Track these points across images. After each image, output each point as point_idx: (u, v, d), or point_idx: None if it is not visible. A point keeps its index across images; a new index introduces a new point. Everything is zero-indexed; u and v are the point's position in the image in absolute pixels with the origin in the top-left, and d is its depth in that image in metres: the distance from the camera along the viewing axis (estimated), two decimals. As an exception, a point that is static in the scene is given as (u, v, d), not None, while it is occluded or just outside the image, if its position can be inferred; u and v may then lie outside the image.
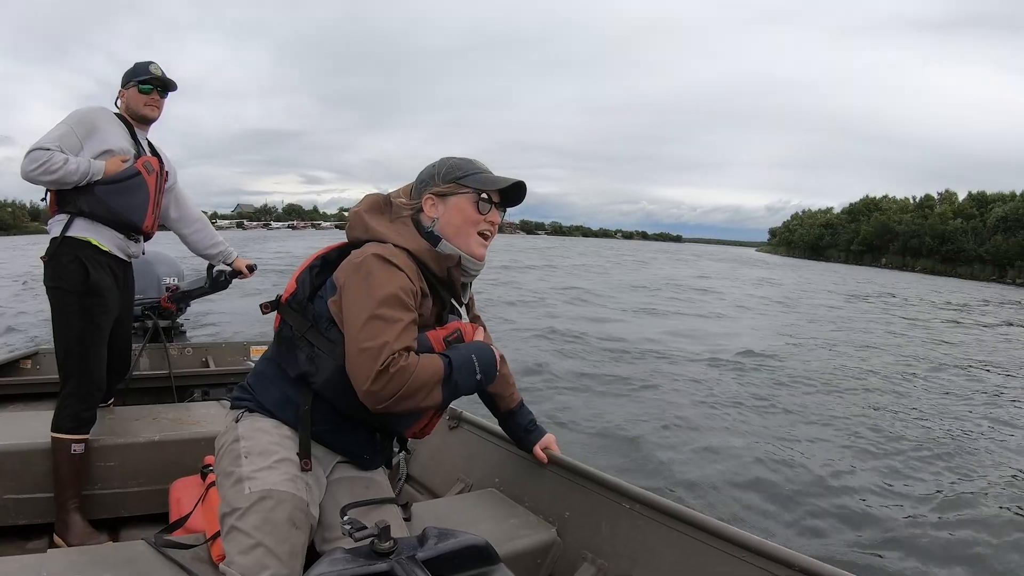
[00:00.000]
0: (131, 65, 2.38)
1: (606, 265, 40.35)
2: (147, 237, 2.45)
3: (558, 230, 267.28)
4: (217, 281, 2.96)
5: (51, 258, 2.19)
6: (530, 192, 1.52)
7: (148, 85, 2.34)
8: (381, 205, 1.51)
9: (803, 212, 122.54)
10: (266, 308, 1.51)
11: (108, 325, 2.30)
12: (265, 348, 3.35)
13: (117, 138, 2.26)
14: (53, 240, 2.19)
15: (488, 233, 1.50)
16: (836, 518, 4.31)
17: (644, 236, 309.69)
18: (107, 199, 2.22)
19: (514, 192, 1.51)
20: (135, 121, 2.37)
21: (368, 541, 1.02)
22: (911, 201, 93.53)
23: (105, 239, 2.25)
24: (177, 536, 1.56)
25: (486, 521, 1.82)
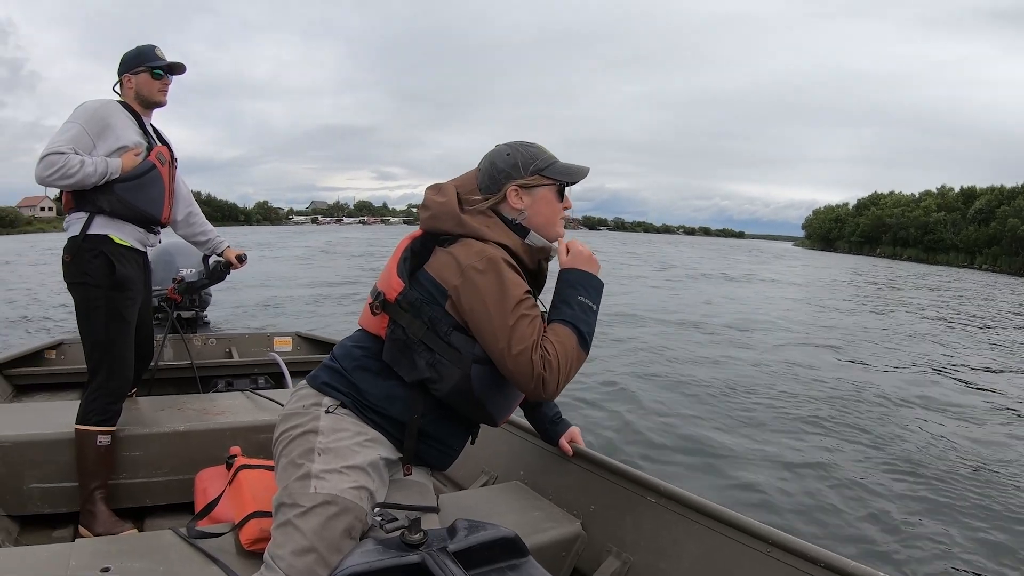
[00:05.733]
0: (134, 50, 2.30)
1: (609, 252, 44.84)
2: (163, 227, 2.43)
3: (620, 226, 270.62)
4: (214, 272, 2.93)
5: (74, 256, 2.14)
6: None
7: (160, 70, 2.28)
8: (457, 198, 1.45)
9: (824, 208, 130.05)
10: (376, 309, 1.42)
11: (134, 318, 2.26)
12: (288, 339, 4.01)
13: (129, 132, 2.21)
14: (73, 239, 2.15)
15: (565, 219, 1.53)
16: (873, 521, 3.92)
17: (706, 232, 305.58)
18: (126, 196, 2.18)
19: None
20: (143, 108, 2.31)
21: (398, 533, 1.05)
22: (913, 196, 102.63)
23: (126, 235, 2.21)
24: (204, 526, 1.58)
25: (511, 513, 1.78)
